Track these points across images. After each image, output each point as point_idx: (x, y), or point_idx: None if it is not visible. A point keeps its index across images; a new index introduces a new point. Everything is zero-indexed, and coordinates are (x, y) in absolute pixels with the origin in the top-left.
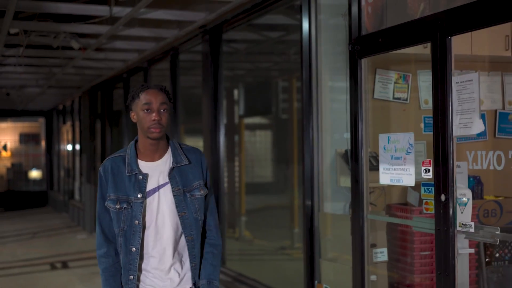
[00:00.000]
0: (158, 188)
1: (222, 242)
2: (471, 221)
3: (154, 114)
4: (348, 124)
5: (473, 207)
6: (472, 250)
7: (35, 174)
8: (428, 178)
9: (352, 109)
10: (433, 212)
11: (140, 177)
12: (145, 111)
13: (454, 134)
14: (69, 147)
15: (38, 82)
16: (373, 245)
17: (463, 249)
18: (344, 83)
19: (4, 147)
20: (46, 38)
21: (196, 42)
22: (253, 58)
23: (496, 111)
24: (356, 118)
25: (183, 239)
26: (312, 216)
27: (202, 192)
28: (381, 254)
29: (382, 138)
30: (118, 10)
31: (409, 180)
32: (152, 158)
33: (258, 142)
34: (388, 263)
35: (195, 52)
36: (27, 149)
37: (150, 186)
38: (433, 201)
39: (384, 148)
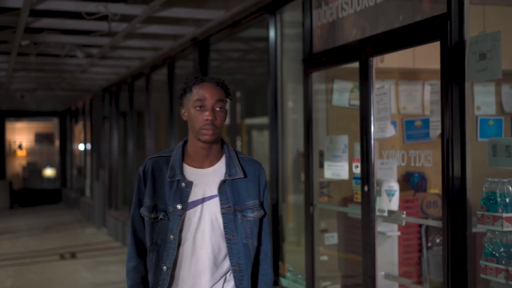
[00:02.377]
0: (202, 200)
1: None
2: (415, 211)
3: (207, 113)
4: None
5: (417, 199)
6: (399, 233)
7: (49, 172)
8: (358, 173)
9: (305, 115)
10: (360, 200)
11: (183, 184)
12: (198, 108)
13: (374, 137)
14: (81, 147)
15: (51, 85)
16: (325, 230)
17: (391, 232)
18: None
19: (20, 146)
20: (54, 48)
21: (188, 52)
22: (250, 64)
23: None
24: (308, 123)
25: (226, 267)
26: (277, 206)
27: (256, 213)
28: (332, 238)
29: (326, 139)
30: (116, 25)
31: (344, 174)
32: (201, 164)
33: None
34: (338, 245)
35: (190, 60)
36: (42, 148)
37: (193, 196)
38: (360, 191)
39: (327, 148)
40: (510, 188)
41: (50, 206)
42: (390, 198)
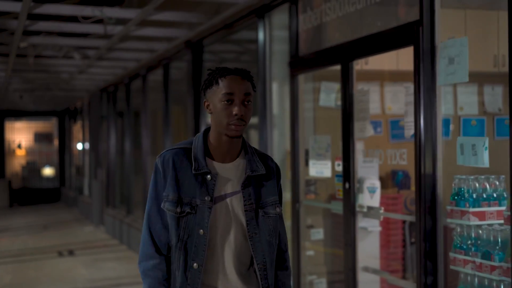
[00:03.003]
0: (224, 196)
1: None
2: (398, 207)
3: (236, 108)
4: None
5: (401, 196)
6: (380, 228)
7: (48, 171)
8: (340, 171)
9: (291, 116)
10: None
11: (209, 177)
12: (226, 102)
13: (355, 137)
14: (80, 146)
15: (49, 86)
16: (311, 226)
17: (372, 227)
18: None
19: (19, 146)
20: (52, 50)
21: (183, 53)
22: (245, 65)
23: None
24: (293, 123)
25: (250, 265)
26: None
27: (277, 210)
28: (318, 233)
29: (311, 139)
30: (111, 28)
31: (327, 172)
32: (222, 159)
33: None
34: (324, 240)
35: (185, 62)
36: (41, 148)
37: (216, 192)
38: (342, 189)
39: (312, 147)
40: (477, 184)
41: (49, 205)
42: (371, 195)
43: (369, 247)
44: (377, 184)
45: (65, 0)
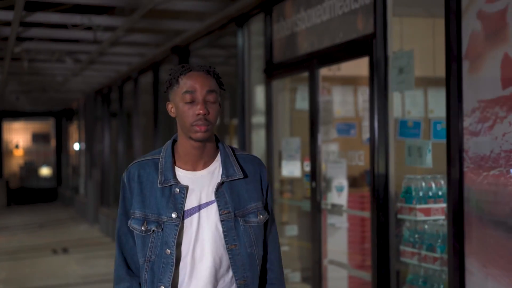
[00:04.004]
0: (199, 208)
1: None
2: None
3: (198, 107)
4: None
5: None
6: (347, 225)
7: (45, 171)
8: (308, 171)
9: (266, 119)
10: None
11: (177, 190)
12: (187, 102)
13: (321, 139)
14: (76, 146)
15: (45, 87)
16: (286, 223)
17: (339, 224)
18: None
19: (16, 146)
20: (45, 54)
21: (170, 58)
22: (234, 68)
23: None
24: (268, 126)
25: (228, 280)
26: None
27: (260, 217)
28: (292, 230)
29: (283, 141)
30: (101, 34)
31: (297, 172)
32: (194, 167)
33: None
34: (298, 236)
35: (174, 65)
36: (38, 148)
37: (188, 204)
38: (309, 187)
39: (284, 149)
40: (423, 183)
41: (46, 204)
42: (339, 194)
43: (337, 242)
44: (344, 183)
45: (56, 6)
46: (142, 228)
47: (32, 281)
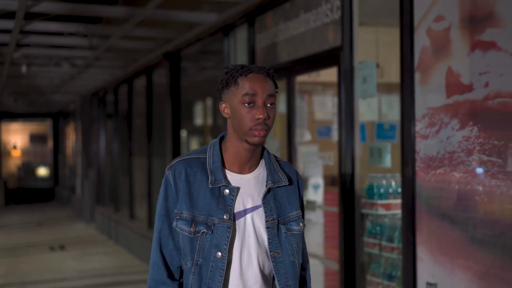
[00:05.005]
0: (245, 212)
1: None
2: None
3: (259, 111)
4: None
5: None
6: (321, 221)
7: (43, 171)
8: None
9: None
10: None
11: (226, 191)
12: (246, 104)
13: (296, 141)
14: (72, 147)
15: (43, 90)
16: None
17: (316, 219)
18: None
19: (14, 147)
20: (43, 59)
21: (163, 63)
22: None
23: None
24: None
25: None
26: None
27: (301, 225)
28: None
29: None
30: (96, 42)
31: None
32: (241, 169)
33: None
34: None
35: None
36: (36, 149)
37: (236, 207)
38: None
39: None
40: (384, 181)
41: (43, 204)
42: (315, 191)
43: (313, 236)
44: (320, 181)
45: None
46: (191, 230)
47: (31, 276)
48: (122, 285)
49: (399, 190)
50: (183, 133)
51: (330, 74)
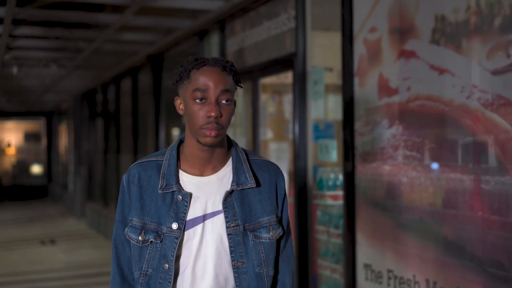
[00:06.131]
0: (203, 218)
1: None
2: None
3: (210, 108)
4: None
5: None
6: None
7: (37, 169)
8: None
9: None
10: None
11: (179, 197)
12: (197, 100)
13: (260, 138)
14: (65, 145)
15: (33, 89)
16: None
17: None
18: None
19: (9, 145)
20: (32, 61)
21: (146, 65)
22: None
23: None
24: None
25: None
26: None
27: (272, 233)
28: None
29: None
30: (82, 44)
31: None
32: (201, 171)
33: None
34: None
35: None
36: (30, 147)
37: (192, 213)
38: None
39: None
40: (332, 174)
41: (37, 201)
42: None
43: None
44: (286, 176)
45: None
46: (140, 238)
47: (21, 267)
48: (107, 275)
49: None
50: (175, 132)
51: None
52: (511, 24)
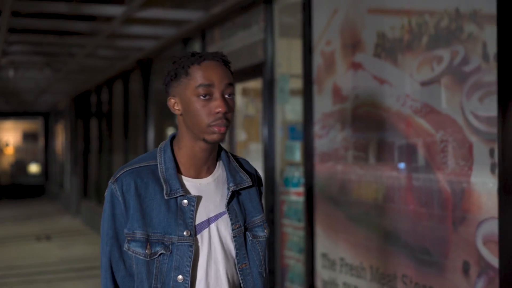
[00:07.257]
0: (208, 222)
1: None
2: None
3: (217, 103)
4: None
5: None
6: None
7: (34, 168)
8: None
9: None
10: None
11: (185, 201)
12: (202, 97)
13: (237, 139)
14: (62, 144)
15: (31, 90)
16: None
17: None
18: None
19: (7, 144)
20: (26, 64)
21: (136, 69)
22: None
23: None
24: None
25: None
26: None
27: (267, 231)
28: None
29: None
30: (76, 49)
31: None
32: (197, 173)
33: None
34: None
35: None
36: (28, 146)
37: (198, 218)
38: None
39: None
40: (296, 173)
41: (34, 199)
42: None
43: None
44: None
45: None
46: (147, 252)
47: (17, 261)
48: (99, 269)
49: None
50: (170, 131)
51: None
52: (435, 42)
